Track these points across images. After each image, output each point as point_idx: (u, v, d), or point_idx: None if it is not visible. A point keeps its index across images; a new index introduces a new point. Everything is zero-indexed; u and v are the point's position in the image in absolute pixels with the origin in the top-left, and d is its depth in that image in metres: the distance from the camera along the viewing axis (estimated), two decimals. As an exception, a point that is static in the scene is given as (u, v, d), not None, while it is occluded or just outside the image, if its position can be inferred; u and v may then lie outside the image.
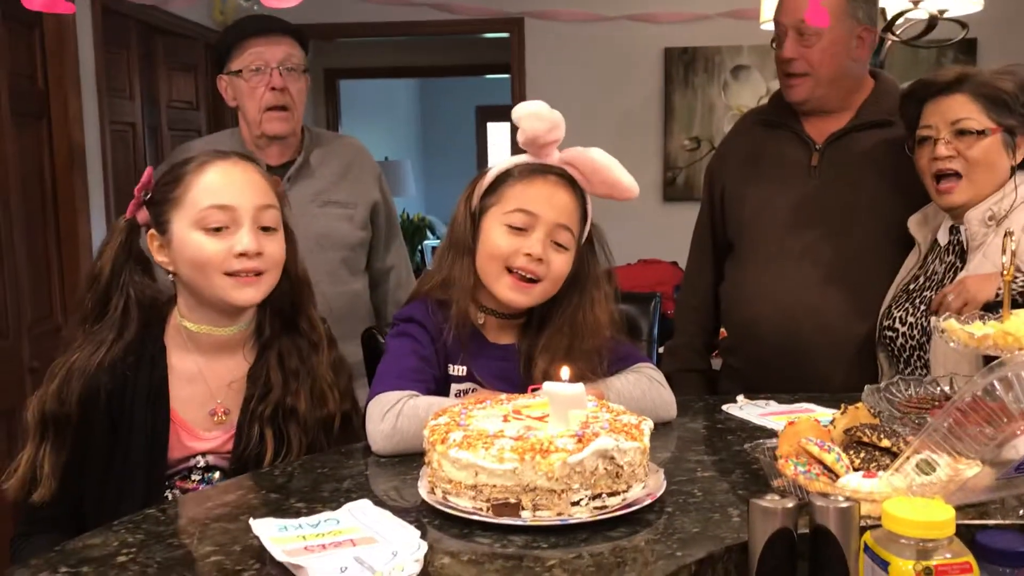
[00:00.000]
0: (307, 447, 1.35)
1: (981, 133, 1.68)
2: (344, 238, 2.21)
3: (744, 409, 1.50)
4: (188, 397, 1.36)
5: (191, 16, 4.11)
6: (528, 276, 1.39)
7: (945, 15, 3.16)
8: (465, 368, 1.44)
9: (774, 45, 3.59)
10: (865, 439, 1.12)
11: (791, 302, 1.93)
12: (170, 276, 1.38)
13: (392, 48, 6.47)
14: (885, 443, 1.10)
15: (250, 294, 1.34)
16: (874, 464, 1.09)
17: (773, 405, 1.52)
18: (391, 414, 1.28)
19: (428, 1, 4.77)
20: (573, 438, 1.01)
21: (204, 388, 1.37)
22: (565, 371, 1.08)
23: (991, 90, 1.69)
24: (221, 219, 1.32)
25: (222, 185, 1.34)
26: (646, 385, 1.43)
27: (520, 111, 1.38)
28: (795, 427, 1.14)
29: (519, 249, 1.38)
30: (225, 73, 2.14)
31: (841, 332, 1.90)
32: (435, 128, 9.00)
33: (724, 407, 1.50)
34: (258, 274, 1.34)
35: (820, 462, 1.08)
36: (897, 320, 1.78)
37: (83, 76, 3.32)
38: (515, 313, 1.46)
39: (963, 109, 1.70)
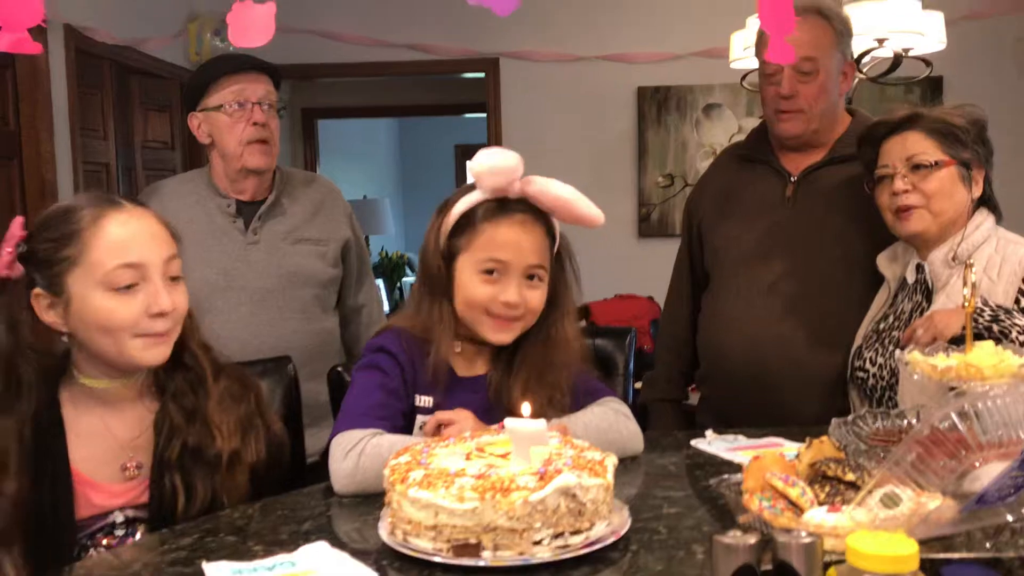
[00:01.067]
0: (210, 491, 1.28)
1: (935, 165, 1.72)
2: (316, 275, 2.20)
3: (713, 444, 1.49)
4: (91, 455, 1.27)
5: (166, 57, 4.12)
6: (508, 318, 1.41)
7: (910, 53, 3.23)
8: (431, 399, 1.42)
9: (744, 83, 3.69)
10: (830, 473, 1.12)
11: (758, 332, 1.95)
12: (63, 337, 1.27)
13: (370, 88, 6.51)
14: (850, 477, 1.10)
15: (161, 352, 1.27)
16: (839, 498, 1.08)
17: (741, 440, 1.52)
18: (353, 453, 1.26)
19: (405, 42, 4.82)
20: (535, 476, 1.00)
21: (111, 443, 1.29)
22: (526, 407, 1.07)
23: (942, 125, 1.74)
24: (131, 277, 1.23)
25: (127, 240, 1.24)
26: (612, 418, 1.43)
27: (477, 168, 1.37)
28: (760, 462, 1.13)
29: (496, 297, 1.39)
30: (200, 110, 2.14)
31: (808, 364, 1.91)
32: (414, 166, 9.04)
33: (693, 442, 1.50)
34: (167, 333, 1.28)
35: (785, 497, 1.07)
36: (868, 361, 1.80)
37: (56, 117, 3.32)
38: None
39: (917, 145, 1.74)
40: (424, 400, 1.43)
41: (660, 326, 2.32)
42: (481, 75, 4.94)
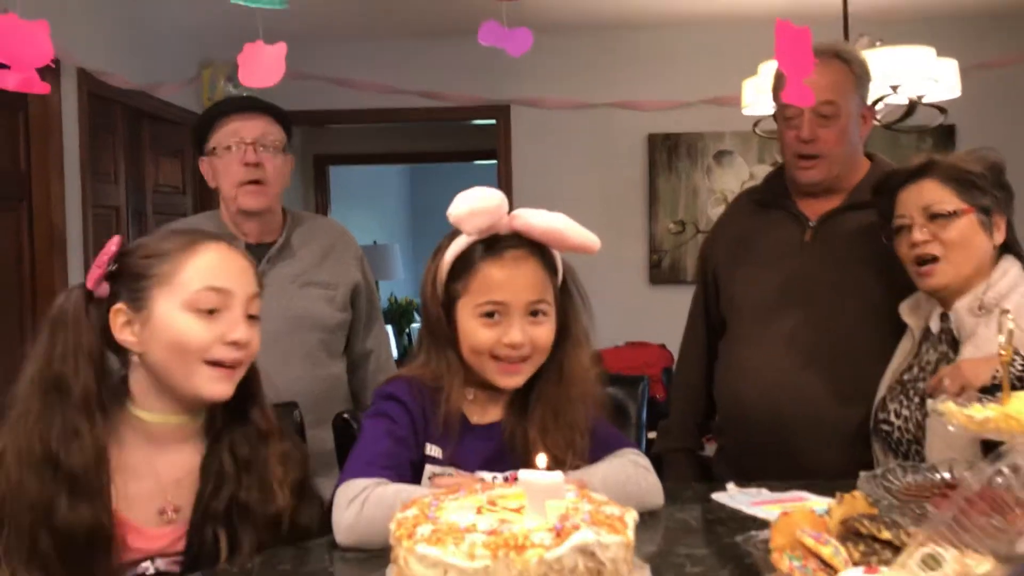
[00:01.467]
0: (256, 547, 1.24)
1: (953, 214, 1.67)
2: (323, 319, 2.16)
3: (735, 498, 1.42)
4: (134, 494, 1.24)
5: (179, 102, 4.14)
6: (515, 360, 1.36)
7: (923, 100, 3.21)
8: (442, 450, 1.37)
9: (756, 130, 3.67)
10: (864, 530, 1.05)
11: (774, 382, 1.89)
12: (133, 357, 1.28)
13: (381, 135, 6.54)
14: (886, 535, 1.03)
15: (224, 388, 1.26)
16: (875, 558, 1.02)
17: (765, 493, 1.45)
18: (356, 502, 1.21)
19: (416, 89, 4.85)
20: (551, 532, 0.94)
21: (153, 484, 1.26)
22: (542, 458, 1.01)
23: (958, 172, 1.70)
24: (215, 302, 1.24)
25: (219, 267, 1.27)
26: (631, 470, 1.37)
27: (457, 212, 1.29)
28: (790, 518, 1.07)
29: (499, 339, 1.34)
30: (204, 154, 2.14)
31: (829, 415, 1.85)
32: (424, 213, 9.05)
33: (714, 495, 1.43)
34: (236, 366, 1.27)
35: (817, 556, 1.01)
36: (892, 413, 1.74)
37: (67, 159, 3.33)
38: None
39: (933, 194, 1.70)
40: (434, 450, 1.37)
41: (675, 374, 2.27)
42: (492, 122, 4.96)
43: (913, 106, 3.21)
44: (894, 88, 3.08)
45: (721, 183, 4.81)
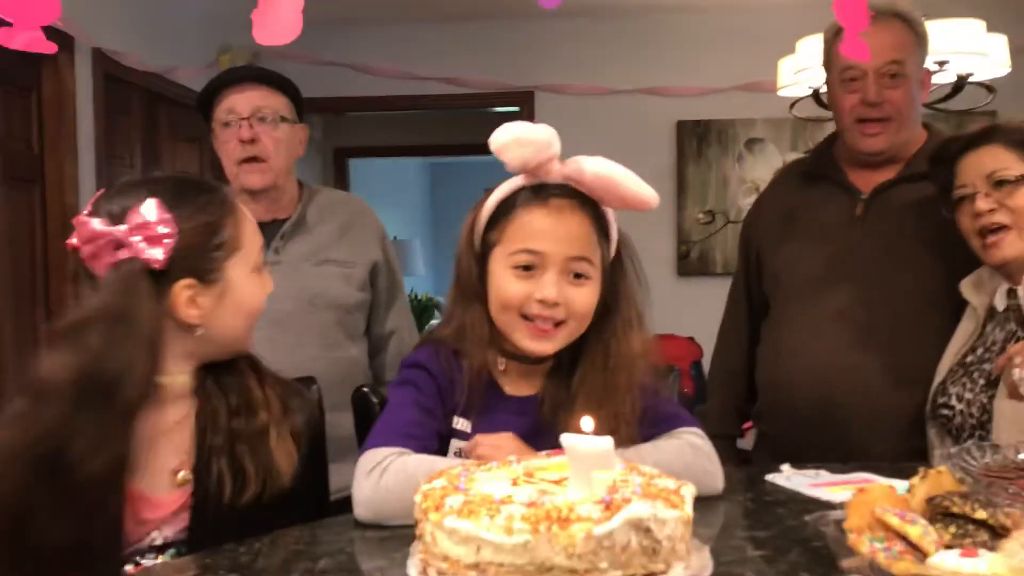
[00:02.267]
0: (262, 468, 1.16)
1: (1021, 180, 1.57)
2: (339, 298, 2.05)
3: (791, 479, 1.29)
4: (148, 462, 1.14)
5: (196, 87, 4.04)
6: (547, 322, 1.22)
7: (971, 79, 3.07)
8: (471, 423, 1.25)
9: (793, 112, 3.53)
10: (955, 509, 0.92)
11: (825, 363, 1.78)
12: (198, 330, 1.17)
13: (401, 126, 6.45)
14: (980, 514, 0.90)
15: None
16: (969, 540, 0.89)
17: (824, 475, 1.32)
18: (375, 473, 1.10)
19: (438, 75, 4.74)
20: (599, 505, 0.82)
21: (164, 446, 1.17)
22: (588, 421, 0.89)
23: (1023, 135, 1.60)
24: (261, 259, 1.26)
25: (253, 224, 1.25)
26: (688, 455, 1.21)
27: (498, 142, 1.17)
28: (866, 495, 0.94)
29: (531, 295, 1.20)
30: (211, 132, 2.04)
31: (880, 398, 1.74)
32: (445, 209, 8.96)
33: (768, 477, 1.30)
34: None
35: (902, 537, 0.88)
36: (953, 397, 1.62)
37: (81, 142, 3.25)
38: (540, 358, 1.28)
39: (997, 160, 1.59)
40: (462, 423, 1.25)
41: (713, 358, 2.16)
42: (515, 109, 4.84)
43: (961, 84, 3.06)
44: (941, 64, 2.93)
45: (752, 172, 4.67)
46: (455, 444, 1.25)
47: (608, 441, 0.85)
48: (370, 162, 6.95)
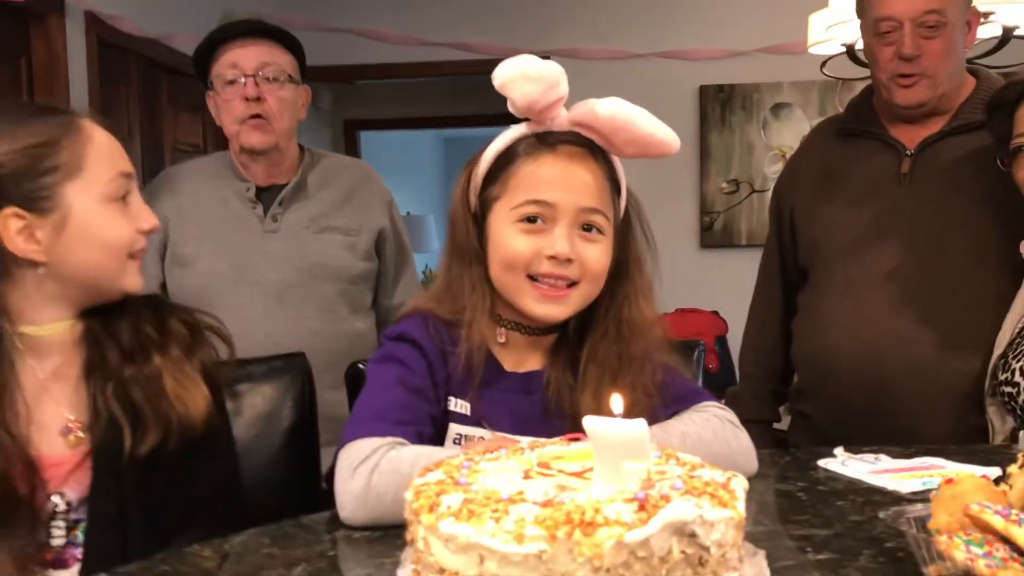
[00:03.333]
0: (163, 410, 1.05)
1: None
2: (342, 269, 1.91)
3: (848, 465, 1.13)
4: (31, 420, 1.06)
5: (198, 54, 3.90)
6: (559, 283, 1.07)
7: (1016, 32, 2.85)
8: (469, 405, 1.09)
9: (824, 70, 3.33)
10: (1070, 506, 0.75)
11: (873, 334, 1.63)
12: (39, 270, 1.06)
13: (413, 97, 6.27)
14: (1103, 512, 0.73)
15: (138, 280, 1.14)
16: (1089, 544, 0.72)
17: (885, 460, 1.15)
18: (364, 469, 0.94)
19: (449, 41, 4.56)
20: (631, 503, 0.65)
21: (48, 402, 1.08)
22: (617, 400, 0.72)
23: None
24: (124, 187, 1.10)
25: (115, 146, 1.11)
26: (717, 427, 1.09)
27: (503, 76, 1.05)
28: (956, 487, 0.77)
29: (540, 251, 1.07)
30: (207, 88, 1.89)
31: (934, 371, 1.60)
32: (459, 184, 8.81)
33: (820, 462, 1.13)
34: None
35: (1006, 540, 0.71)
36: (1017, 372, 1.46)
37: (75, 110, 3.09)
38: (546, 327, 1.13)
39: None
40: (459, 405, 1.10)
41: (745, 336, 2.00)
42: (530, 75, 4.65)
43: (1007, 37, 2.85)
44: (985, 16, 2.72)
45: (779, 138, 4.48)
46: (454, 429, 1.10)
47: (642, 425, 0.68)
48: (382, 135, 6.78)
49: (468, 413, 1.09)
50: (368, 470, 0.93)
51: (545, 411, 1.10)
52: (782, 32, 4.22)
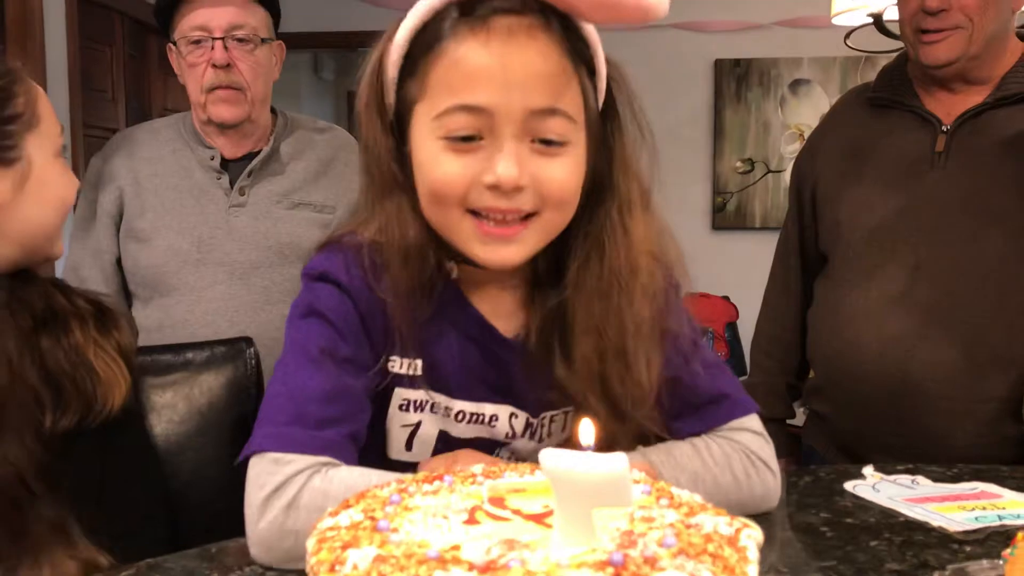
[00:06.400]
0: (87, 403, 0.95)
1: None
2: (314, 248, 1.72)
3: (879, 488, 0.94)
4: None
5: (187, 15, 3.73)
6: (509, 217, 0.80)
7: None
8: (421, 363, 0.85)
9: (848, 42, 3.13)
10: None
11: (900, 329, 1.48)
12: None
13: (419, 68, 6.12)
14: None
15: None
16: None
17: (924, 483, 0.97)
18: (278, 503, 0.74)
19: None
20: (604, 570, 0.48)
21: None
22: (587, 428, 0.54)
23: None
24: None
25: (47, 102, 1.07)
26: (740, 470, 0.86)
27: None
28: (1035, 544, 0.59)
29: (477, 178, 0.78)
30: (171, 42, 1.70)
31: (965, 375, 1.45)
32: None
33: (849, 486, 0.95)
34: None
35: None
36: None
37: (51, 71, 2.96)
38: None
39: None
40: (403, 364, 0.85)
41: (758, 325, 1.86)
42: (538, 44, 4.48)
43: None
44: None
45: (796, 116, 4.33)
46: (400, 395, 0.87)
47: (622, 462, 0.50)
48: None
49: (418, 373, 0.85)
50: (284, 505, 0.73)
51: (529, 370, 0.86)
52: (803, 4, 4.10)
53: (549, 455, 0.50)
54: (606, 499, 0.51)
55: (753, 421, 0.90)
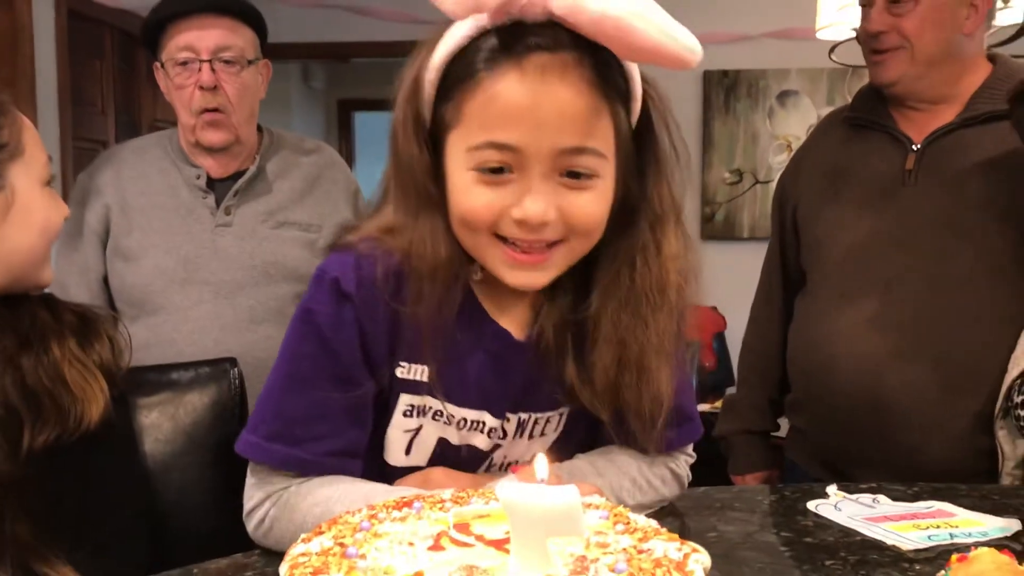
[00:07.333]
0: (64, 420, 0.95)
1: None
2: (300, 268, 1.73)
3: (841, 507, 0.98)
4: None
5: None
6: (536, 245, 0.82)
7: (1039, 17, 2.69)
8: (426, 369, 0.86)
9: (832, 56, 3.17)
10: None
11: (873, 346, 1.50)
12: None
13: (410, 78, 6.13)
14: None
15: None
16: None
17: (884, 501, 1.00)
18: (255, 516, 0.81)
19: (443, 19, 4.40)
20: (554, 597, 0.51)
21: None
22: (542, 462, 0.57)
23: None
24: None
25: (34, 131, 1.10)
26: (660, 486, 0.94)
27: None
28: (971, 568, 0.62)
29: (504, 211, 0.80)
30: (158, 62, 1.72)
31: (938, 391, 1.46)
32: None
33: (811, 504, 0.98)
34: None
35: (1035, 644, 0.56)
36: None
37: (41, 85, 2.96)
38: None
39: None
40: (413, 371, 0.87)
41: (744, 341, 1.88)
42: (527, 57, 4.50)
43: (1028, 24, 2.69)
44: (1005, 0, 2.56)
45: (784, 127, 4.33)
46: (406, 401, 0.88)
47: (574, 494, 0.53)
48: (377, 116, 6.62)
49: (424, 379, 0.86)
50: (259, 520, 0.77)
51: (541, 373, 0.88)
52: (791, 16, 4.07)
53: (505, 487, 0.53)
54: (559, 529, 0.54)
55: (689, 455, 0.99)
